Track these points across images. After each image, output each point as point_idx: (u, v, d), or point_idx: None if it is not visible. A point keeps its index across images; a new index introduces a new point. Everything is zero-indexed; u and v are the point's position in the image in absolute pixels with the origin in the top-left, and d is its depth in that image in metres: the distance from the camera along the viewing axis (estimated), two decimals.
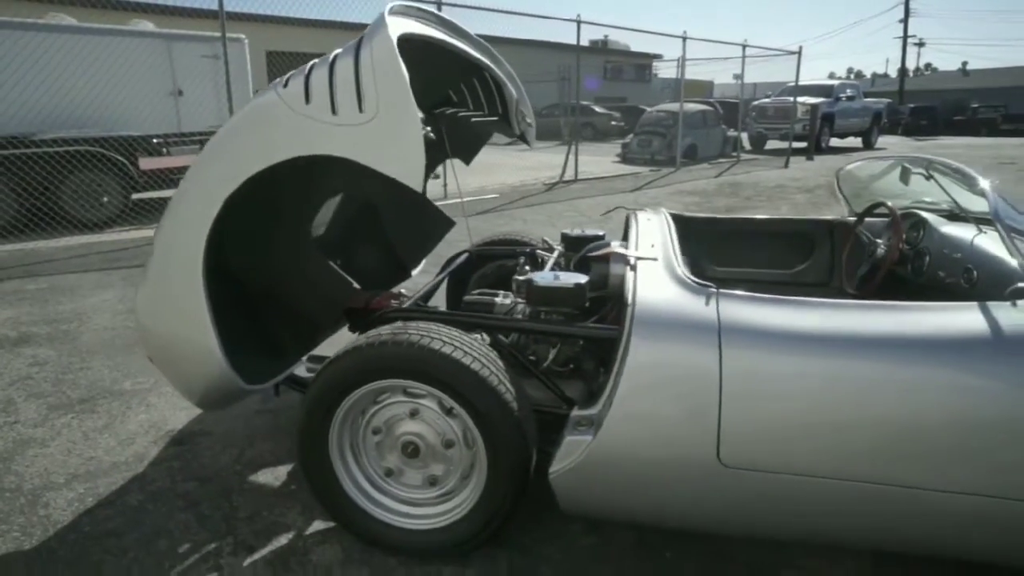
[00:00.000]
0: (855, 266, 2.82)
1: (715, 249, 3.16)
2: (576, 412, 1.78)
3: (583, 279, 2.07)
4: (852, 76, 76.32)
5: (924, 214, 2.61)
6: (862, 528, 1.65)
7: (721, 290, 1.75)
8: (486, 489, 1.80)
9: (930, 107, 29.74)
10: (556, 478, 1.74)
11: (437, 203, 2.65)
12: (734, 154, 15.48)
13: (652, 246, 2.09)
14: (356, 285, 2.21)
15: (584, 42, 12.58)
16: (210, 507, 2.15)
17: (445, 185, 9.16)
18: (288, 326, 2.32)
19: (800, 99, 16.48)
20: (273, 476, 2.33)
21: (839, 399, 1.56)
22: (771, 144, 17.27)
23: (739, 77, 18.76)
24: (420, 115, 1.64)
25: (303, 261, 2.19)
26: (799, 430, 1.58)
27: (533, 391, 2.02)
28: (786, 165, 13.84)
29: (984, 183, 1.93)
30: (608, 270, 2.19)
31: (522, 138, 3.21)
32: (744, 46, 13.92)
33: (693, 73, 17.19)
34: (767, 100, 17.54)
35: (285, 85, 1.75)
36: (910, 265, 2.51)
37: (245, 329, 2.17)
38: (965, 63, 48.75)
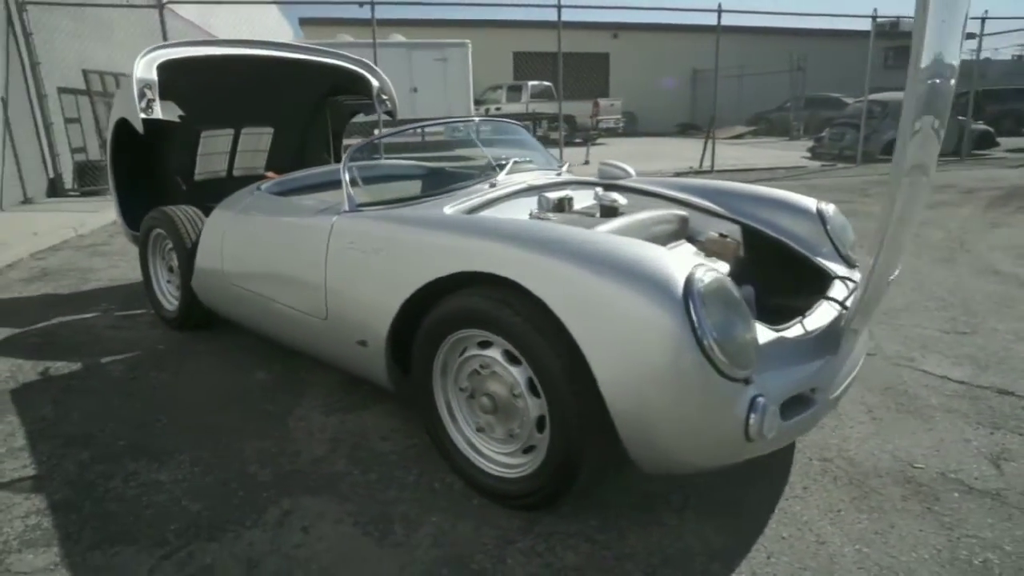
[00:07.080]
0: None
1: None
2: None
3: None
4: None
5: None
6: (286, 333, 2.92)
7: (266, 194, 3.22)
8: (181, 287, 3.55)
9: None
10: (193, 284, 3.42)
11: None
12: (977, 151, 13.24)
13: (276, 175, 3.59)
14: (184, 187, 4.16)
15: (866, 25, 12.14)
16: None
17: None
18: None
19: None
20: None
21: (265, 251, 2.89)
22: None
23: None
24: (151, 99, 3.44)
25: (169, 171, 4.26)
26: (240, 262, 3.01)
27: None
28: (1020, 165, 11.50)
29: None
30: None
31: (389, 115, 4.79)
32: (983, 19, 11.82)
33: None
34: None
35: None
36: None
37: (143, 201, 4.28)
38: None
